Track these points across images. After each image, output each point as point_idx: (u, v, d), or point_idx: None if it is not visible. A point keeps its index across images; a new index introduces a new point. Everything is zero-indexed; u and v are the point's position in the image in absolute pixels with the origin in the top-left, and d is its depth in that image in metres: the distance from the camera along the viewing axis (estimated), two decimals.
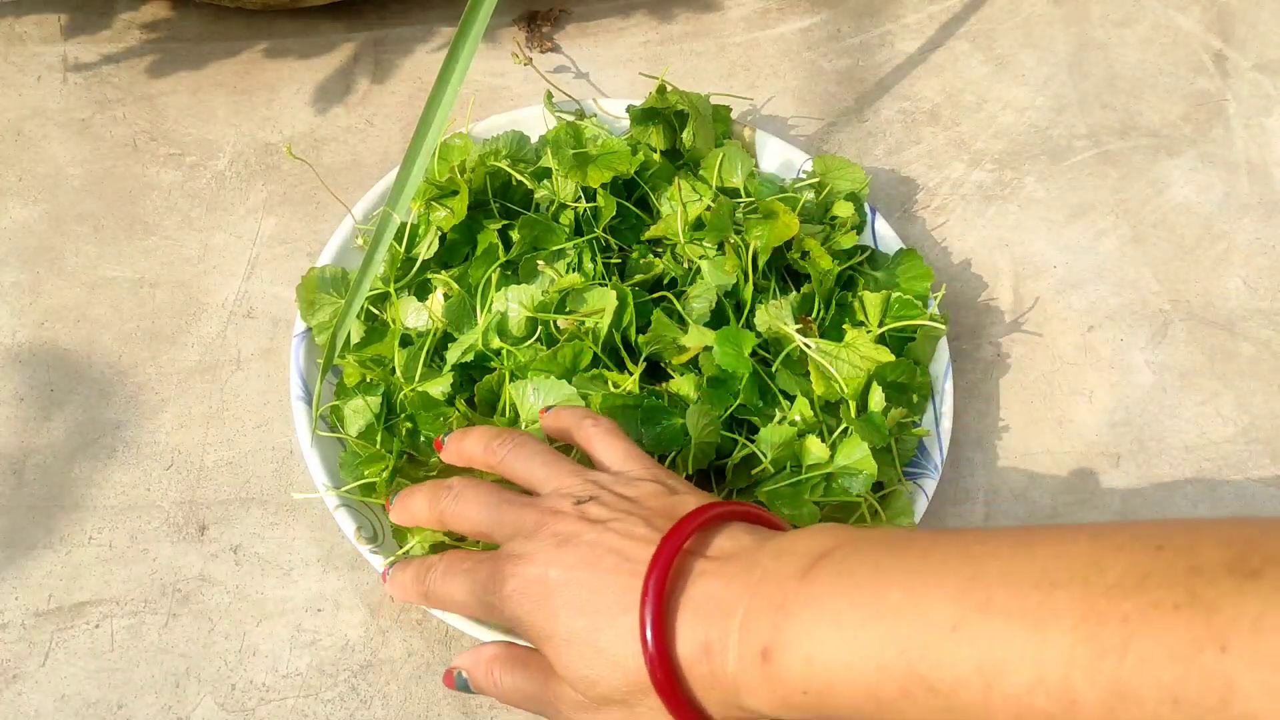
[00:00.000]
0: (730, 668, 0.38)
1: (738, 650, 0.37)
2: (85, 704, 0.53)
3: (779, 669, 0.36)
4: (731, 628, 0.38)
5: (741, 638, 0.37)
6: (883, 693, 0.34)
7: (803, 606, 0.36)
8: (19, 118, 0.71)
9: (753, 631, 0.37)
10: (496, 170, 0.60)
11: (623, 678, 0.40)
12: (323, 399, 0.56)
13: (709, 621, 0.38)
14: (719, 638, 0.38)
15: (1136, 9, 0.78)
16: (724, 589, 0.39)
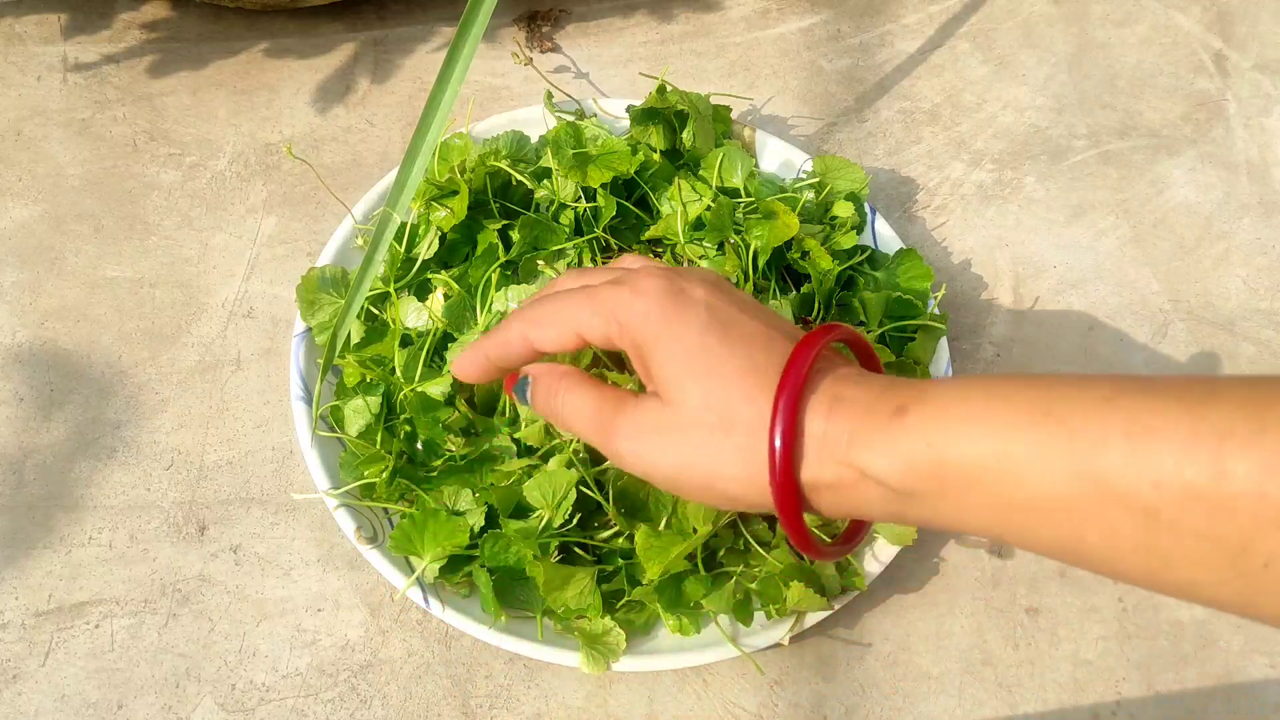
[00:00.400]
0: (853, 420, 0.36)
1: (871, 404, 0.36)
2: (85, 704, 0.53)
3: (913, 421, 0.35)
4: (869, 389, 0.37)
5: (880, 398, 0.36)
6: (1014, 447, 0.33)
7: (952, 381, 0.36)
8: (19, 118, 0.71)
9: (890, 396, 0.36)
10: (496, 170, 0.60)
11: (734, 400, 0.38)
12: (323, 399, 0.56)
13: (841, 382, 0.37)
14: (853, 395, 0.37)
15: (1136, 9, 0.78)
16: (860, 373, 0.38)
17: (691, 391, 0.38)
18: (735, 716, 0.54)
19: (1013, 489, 0.33)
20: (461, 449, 0.54)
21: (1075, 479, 0.32)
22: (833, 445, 0.36)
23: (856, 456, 0.36)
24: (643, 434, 0.40)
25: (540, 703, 0.54)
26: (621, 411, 0.41)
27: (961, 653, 0.56)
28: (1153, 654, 0.56)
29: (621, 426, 0.40)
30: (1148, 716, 0.55)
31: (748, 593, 0.52)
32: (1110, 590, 0.58)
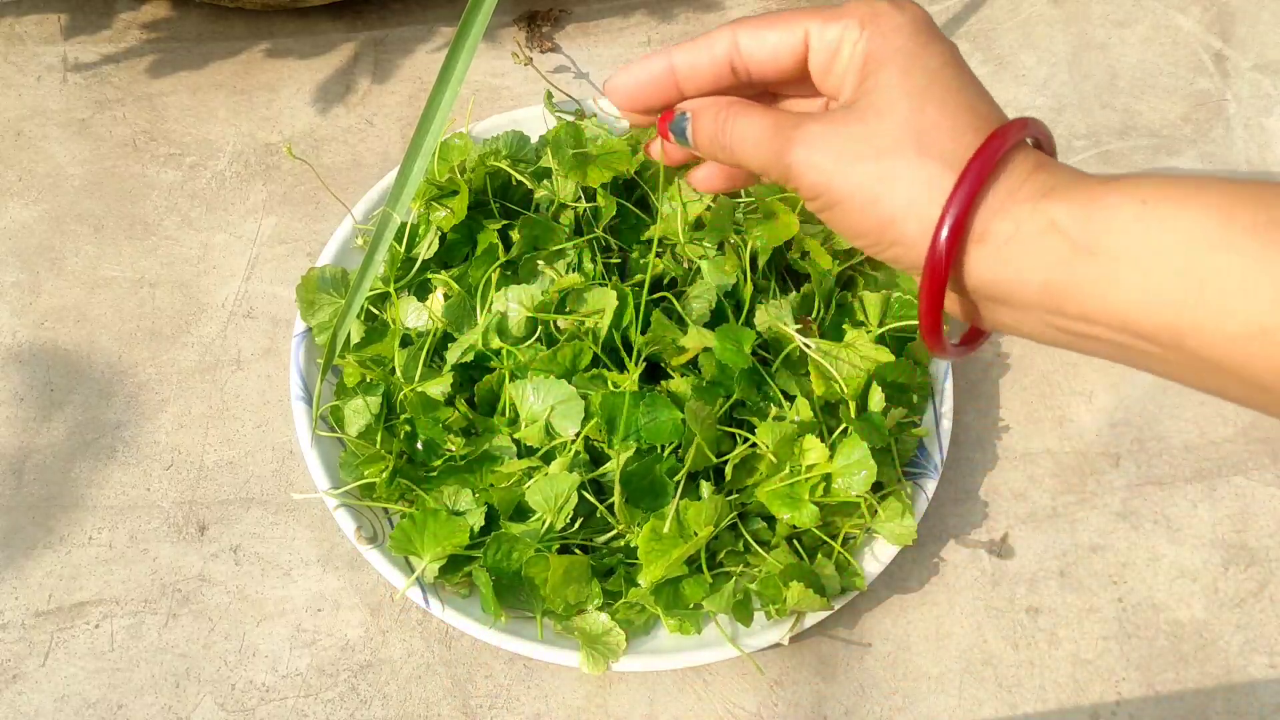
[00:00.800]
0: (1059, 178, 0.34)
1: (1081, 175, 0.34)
2: (85, 704, 0.53)
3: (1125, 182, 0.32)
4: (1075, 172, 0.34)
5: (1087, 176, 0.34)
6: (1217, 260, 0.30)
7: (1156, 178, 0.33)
8: (19, 118, 0.71)
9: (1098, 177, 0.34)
10: (496, 170, 0.60)
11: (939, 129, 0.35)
12: (323, 399, 0.56)
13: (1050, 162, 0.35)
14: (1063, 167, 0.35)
15: (1136, 9, 0.78)
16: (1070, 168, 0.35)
17: (902, 105, 0.35)
18: (735, 716, 0.54)
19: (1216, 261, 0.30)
20: (461, 449, 0.54)
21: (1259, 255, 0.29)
22: (1024, 197, 0.34)
23: (1050, 206, 0.33)
24: (823, 141, 0.36)
25: (540, 703, 0.54)
26: (802, 122, 0.37)
27: (961, 653, 0.56)
28: (1153, 654, 0.56)
29: (803, 135, 0.37)
30: (1148, 716, 0.55)
31: (747, 593, 0.52)
32: (1110, 590, 0.58)
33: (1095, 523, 0.60)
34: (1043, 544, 0.59)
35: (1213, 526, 0.60)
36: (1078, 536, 0.59)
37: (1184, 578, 0.58)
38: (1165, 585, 0.58)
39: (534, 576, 0.51)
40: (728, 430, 0.53)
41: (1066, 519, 0.60)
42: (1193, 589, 0.58)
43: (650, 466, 0.52)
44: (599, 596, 0.52)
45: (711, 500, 0.51)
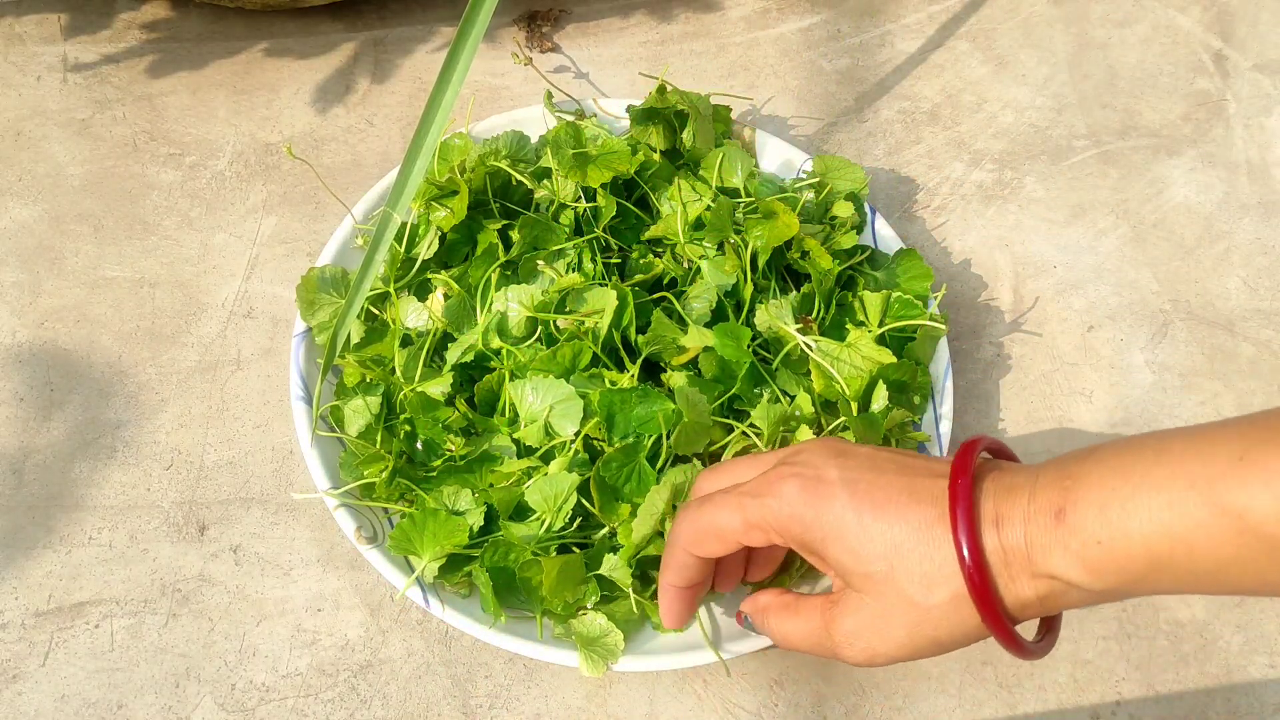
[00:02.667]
0: (1021, 535, 0.38)
1: (1029, 514, 0.38)
2: (85, 704, 0.53)
3: (1073, 524, 0.37)
4: (1019, 500, 0.39)
5: (1030, 505, 0.38)
6: (1176, 528, 0.35)
7: (1090, 471, 0.38)
8: (19, 118, 0.71)
9: (1043, 500, 0.38)
10: (496, 170, 0.60)
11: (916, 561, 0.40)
12: (323, 399, 0.56)
13: (999, 498, 0.39)
14: (1009, 510, 0.39)
15: (1136, 9, 0.78)
16: (1010, 478, 0.40)
17: (877, 573, 0.40)
18: (735, 716, 0.54)
19: (1191, 562, 0.35)
20: (461, 449, 0.54)
21: (1242, 539, 0.34)
22: (1018, 563, 0.39)
23: (1044, 566, 0.38)
24: (861, 635, 0.42)
25: (540, 703, 0.54)
26: (831, 624, 0.43)
27: (961, 653, 0.56)
28: (1153, 654, 0.56)
29: (838, 636, 0.43)
30: (1148, 716, 0.55)
31: None
32: None
33: None
34: None
35: None
36: None
37: None
38: None
39: (531, 578, 0.51)
40: (723, 421, 0.53)
41: None
42: None
43: (633, 456, 0.52)
44: (596, 593, 0.52)
45: (682, 469, 0.51)
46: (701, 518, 0.44)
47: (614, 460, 0.51)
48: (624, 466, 0.52)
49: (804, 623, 0.45)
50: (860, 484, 0.41)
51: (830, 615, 0.43)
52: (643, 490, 0.51)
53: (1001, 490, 0.40)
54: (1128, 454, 0.37)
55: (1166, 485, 0.35)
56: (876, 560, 0.40)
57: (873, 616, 0.41)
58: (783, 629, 0.46)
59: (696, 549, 0.45)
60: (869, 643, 0.42)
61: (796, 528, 0.42)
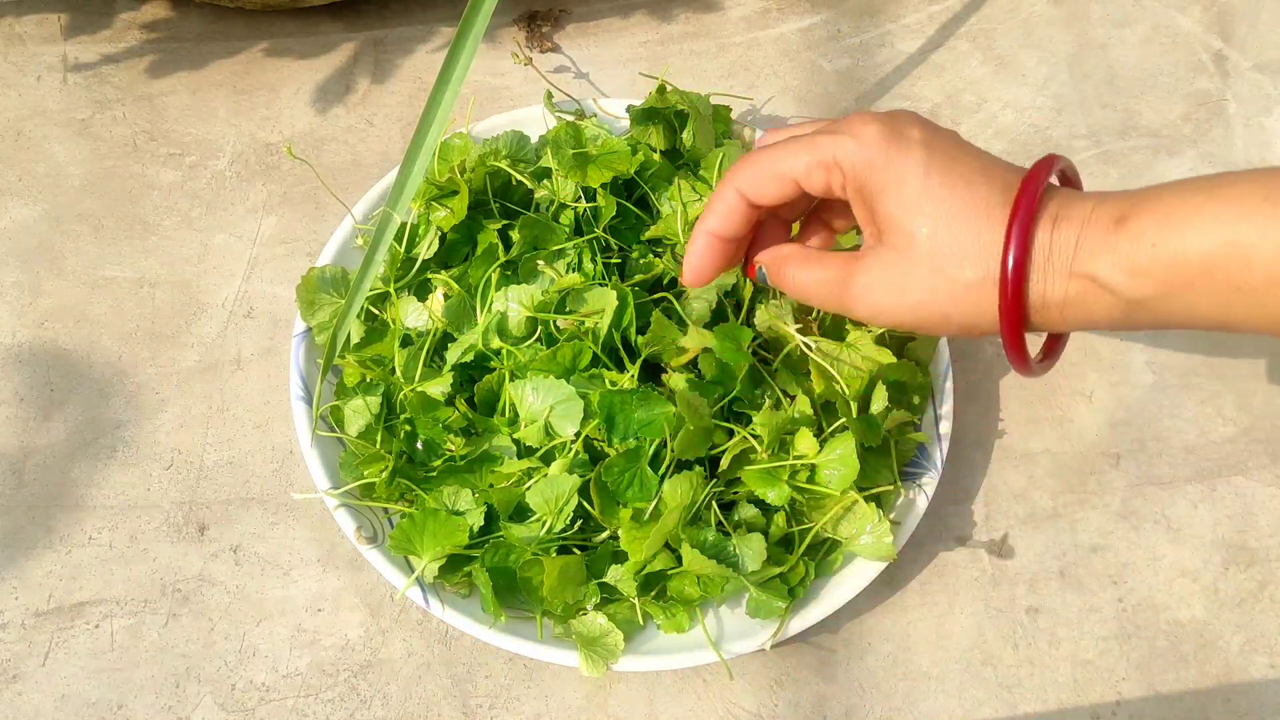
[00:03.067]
0: (1076, 233, 0.38)
1: (1090, 218, 0.38)
2: (85, 704, 0.53)
3: (1133, 228, 0.37)
4: (1083, 206, 0.39)
5: (1094, 211, 0.38)
6: (1239, 234, 0.35)
7: (1164, 190, 0.38)
8: (19, 118, 0.71)
9: (1109, 207, 0.38)
10: (496, 170, 0.60)
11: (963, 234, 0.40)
12: (323, 399, 0.56)
13: (1064, 203, 0.39)
14: (1071, 212, 0.39)
15: (1136, 9, 0.78)
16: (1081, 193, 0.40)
17: (920, 234, 0.40)
18: (735, 716, 0.54)
19: (1241, 273, 0.35)
20: (461, 449, 0.54)
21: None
22: (1059, 261, 0.38)
23: (1085, 266, 0.38)
24: (876, 289, 0.42)
25: (540, 703, 0.54)
26: (850, 276, 0.43)
27: (961, 653, 0.56)
28: (1153, 654, 0.56)
29: (854, 289, 0.42)
30: (1148, 716, 0.55)
31: None
32: (1110, 590, 0.58)
33: (1095, 523, 0.60)
34: (1043, 544, 0.59)
35: (1213, 526, 0.60)
36: (1078, 536, 0.59)
37: (1184, 578, 0.58)
38: (1165, 585, 0.58)
39: (531, 579, 0.51)
40: (724, 425, 0.53)
41: (1066, 519, 0.60)
42: (1193, 589, 0.58)
43: (635, 461, 0.52)
44: (596, 594, 0.52)
45: (686, 476, 0.51)
46: (764, 157, 0.43)
47: (615, 465, 0.51)
48: (625, 471, 0.52)
49: (823, 271, 0.44)
50: (940, 149, 0.41)
51: (854, 266, 0.43)
52: (644, 495, 0.51)
53: (1070, 197, 0.39)
54: (1208, 179, 0.37)
55: (1240, 199, 0.35)
56: (926, 220, 0.40)
57: (897, 274, 0.41)
58: (799, 277, 0.45)
59: (751, 188, 0.44)
60: (882, 298, 0.42)
61: (864, 170, 0.41)
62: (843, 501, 0.52)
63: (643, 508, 0.51)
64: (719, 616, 0.54)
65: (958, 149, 0.41)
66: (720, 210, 0.45)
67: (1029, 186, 0.39)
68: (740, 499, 0.54)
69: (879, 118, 0.42)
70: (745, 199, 0.45)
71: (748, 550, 0.51)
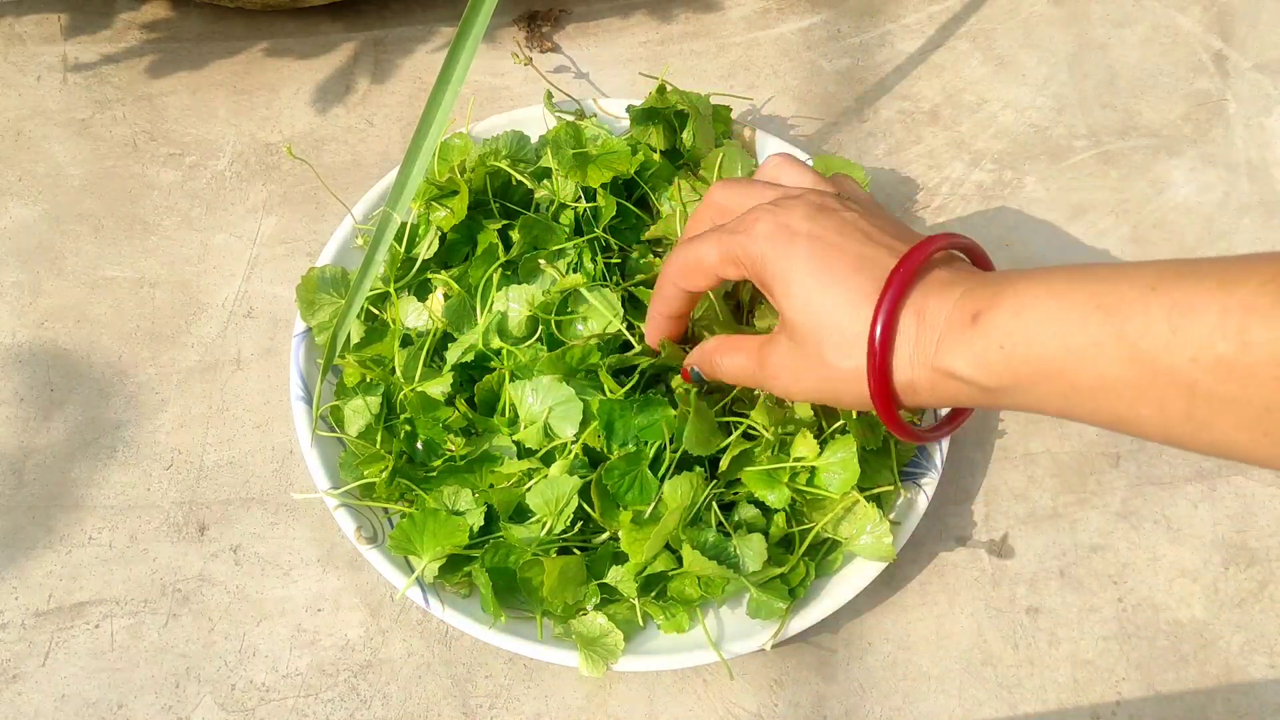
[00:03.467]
0: (938, 329, 0.41)
1: (950, 314, 0.41)
2: (85, 704, 0.53)
3: (985, 327, 0.40)
4: (948, 299, 0.42)
5: (956, 307, 0.41)
6: (1073, 341, 0.37)
7: (1023, 283, 0.40)
8: (19, 118, 0.71)
9: (968, 303, 0.41)
10: (496, 170, 0.60)
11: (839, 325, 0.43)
12: (323, 399, 0.56)
13: (929, 293, 0.42)
14: (936, 306, 0.42)
15: (1136, 9, 0.78)
16: (955, 277, 0.43)
17: (805, 326, 0.44)
18: (735, 716, 0.54)
19: (1076, 377, 0.38)
20: (461, 449, 0.54)
21: (1128, 363, 0.36)
22: (924, 352, 0.42)
23: (943, 361, 0.41)
24: (782, 373, 0.47)
25: (540, 703, 0.54)
26: (764, 360, 0.47)
27: (961, 653, 0.56)
28: (1153, 654, 0.56)
29: (767, 369, 0.47)
30: (1148, 716, 0.55)
31: None
32: (1110, 590, 0.58)
33: (1095, 523, 0.60)
34: (1043, 544, 0.59)
35: (1213, 526, 0.60)
36: (1078, 536, 0.59)
37: (1184, 578, 0.58)
38: (1165, 585, 0.58)
39: (531, 579, 0.51)
40: (723, 420, 0.53)
41: (1066, 519, 0.60)
42: (1193, 589, 0.58)
43: (635, 464, 0.52)
44: (596, 595, 0.52)
45: (687, 477, 0.51)
46: (688, 253, 0.49)
47: (616, 468, 0.51)
48: (626, 474, 0.52)
49: (742, 356, 0.49)
50: (821, 244, 0.44)
51: (765, 351, 0.47)
52: (645, 498, 0.52)
53: (939, 285, 0.42)
54: (1062, 275, 0.39)
55: (1080, 304, 0.37)
56: (810, 315, 0.44)
57: (794, 360, 0.45)
58: (724, 362, 0.50)
59: (683, 282, 0.50)
60: (788, 382, 0.46)
61: (758, 264, 0.45)
62: (843, 502, 0.52)
63: (643, 510, 0.51)
64: (719, 617, 0.54)
65: (842, 238, 0.44)
66: (664, 298, 0.52)
67: (894, 280, 0.42)
68: (740, 499, 0.54)
69: (770, 214, 0.46)
70: (684, 291, 0.50)
71: (748, 551, 0.51)
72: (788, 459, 0.52)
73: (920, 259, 0.42)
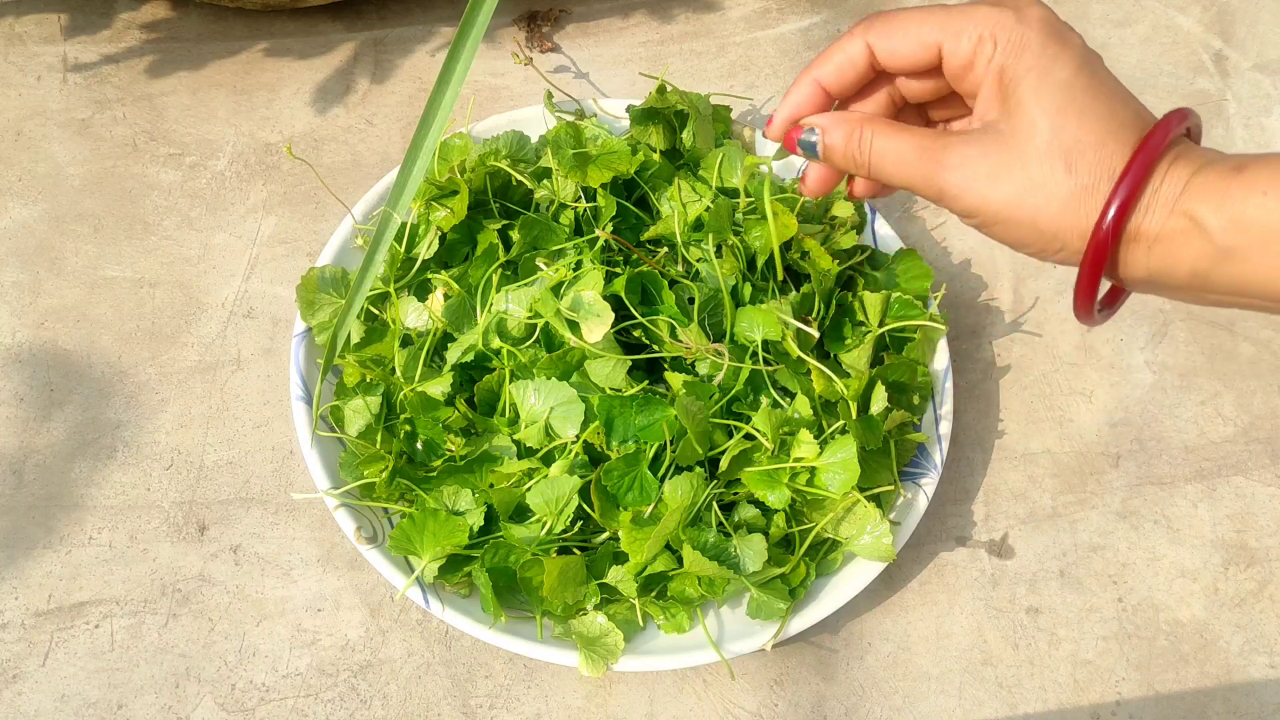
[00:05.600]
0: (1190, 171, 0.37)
1: (1211, 161, 0.37)
2: (85, 704, 0.53)
3: (1248, 176, 0.36)
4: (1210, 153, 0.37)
5: (1218, 155, 0.37)
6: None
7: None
8: (19, 118, 0.71)
9: (1232, 158, 0.37)
10: (496, 170, 0.60)
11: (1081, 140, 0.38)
12: (323, 399, 0.56)
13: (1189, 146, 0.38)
14: (1195, 154, 0.37)
15: (1136, 9, 0.78)
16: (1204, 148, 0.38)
17: (1043, 125, 0.38)
18: (735, 716, 0.54)
19: None
20: (461, 449, 0.54)
21: None
22: (1166, 195, 0.37)
23: (1189, 205, 0.36)
24: (974, 164, 0.39)
25: (540, 703, 0.54)
26: (950, 145, 0.39)
27: (961, 653, 0.56)
28: (1153, 654, 0.56)
29: (950, 158, 0.39)
30: (1148, 716, 0.55)
31: None
32: (1110, 590, 0.58)
33: (1095, 523, 0.60)
34: (1043, 544, 0.59)
35: (1213, 526, 0.60)
36: (1078, 536, 0.59)
37: (1184, 578, 0.58)
38: (1165, 585, 0.58)
39: (531, 579, 0.51)
40: (724, 423, 0.53)
41: (1066, 519, 0.60)
42: (1193, 589, 0.58)
43: (635, 464, 0.52)
44: (596, 594, 0.52)
45: (687, 478, 0.51)
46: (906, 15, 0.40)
47: (615, 469, 0.51)
48: (625, 475, 0.52)
49: (915, 137, 0.40)
50: (1094, 60, 0.39)
51: (954, 139, 0.39)
52: (644, 499, 0.52)
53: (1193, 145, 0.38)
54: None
55: None
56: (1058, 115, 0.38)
57: (1004, 157, 0.38)
58: (884, 143, 0.40)
59: (885, 44, 0.40)
60: (978, 175, 0.38)
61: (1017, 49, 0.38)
62: (843, 502, 0.52)
63: (643, 510, 0.51)
64: (719, 617, 0.54)
65: (1105, 68, 0.40)
66: (837, 59, 0.41)
67: (1165, 123, 0.38)
68: (740, 500, 0.54)
69: (1045, 6, 0.39)
70: (871, 54, 0.41)
71: (748, 551, 0.51)
72: (788, 459, 0.52)
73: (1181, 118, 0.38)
